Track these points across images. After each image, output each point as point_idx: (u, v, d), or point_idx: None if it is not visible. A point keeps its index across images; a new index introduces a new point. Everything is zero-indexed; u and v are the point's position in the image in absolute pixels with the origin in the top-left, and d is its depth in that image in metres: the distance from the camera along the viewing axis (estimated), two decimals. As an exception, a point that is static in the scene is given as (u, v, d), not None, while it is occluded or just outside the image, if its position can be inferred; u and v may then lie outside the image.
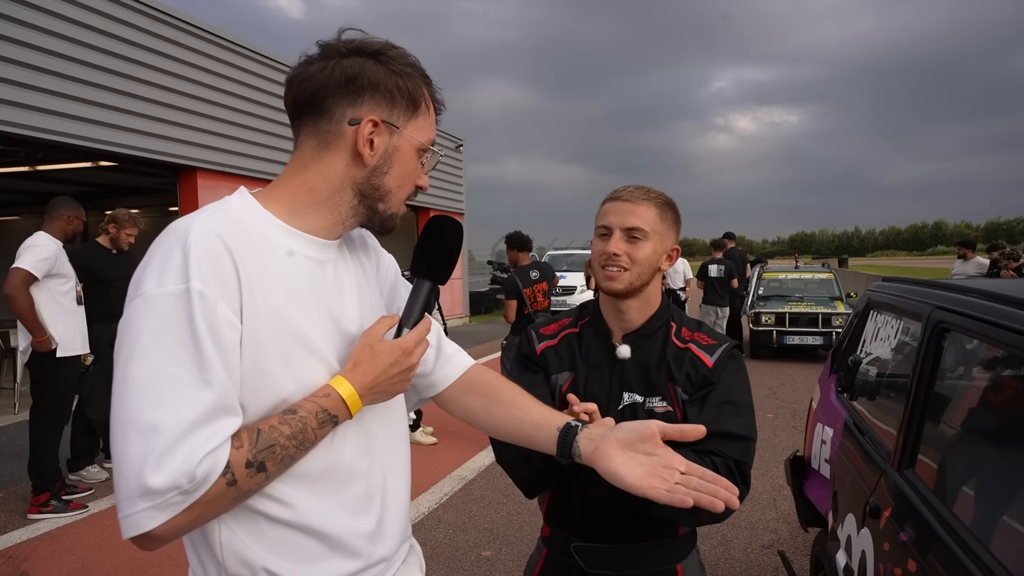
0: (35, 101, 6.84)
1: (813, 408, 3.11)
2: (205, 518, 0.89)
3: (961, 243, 10.58)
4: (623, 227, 1.41)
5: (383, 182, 1.03)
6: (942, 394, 1.94)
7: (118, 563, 3.51)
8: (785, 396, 7.58)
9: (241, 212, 0.99)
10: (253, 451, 0.90)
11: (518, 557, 3.56)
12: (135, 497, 0.82)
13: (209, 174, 9.27)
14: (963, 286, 1.91)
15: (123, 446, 0.84)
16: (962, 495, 1.67)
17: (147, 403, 0.84)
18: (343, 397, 0.98)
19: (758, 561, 3.50)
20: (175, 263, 0.88)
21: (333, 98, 0.99)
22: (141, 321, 0.87)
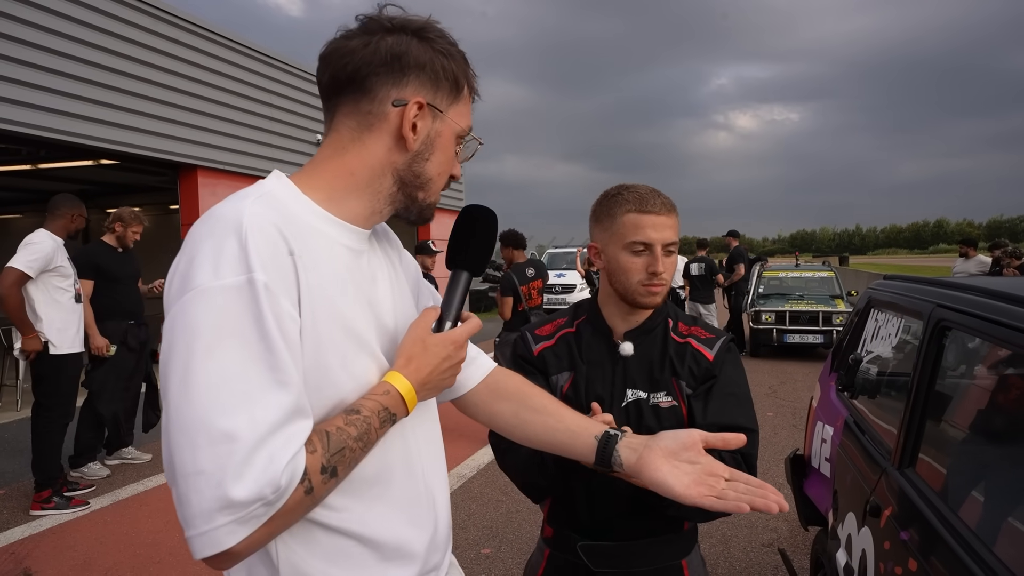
0: (37, 100, 6.83)
1: (813, 406, 3.10)
2: (278, 531, 0.82)
3: (963, 241, 10.53)
4: (664, 243, 1.41)
5: (424, 169, 0.98)
6: (943, 393, 1.94)
7: (119, 559, 3.52)
8: (785, 394, 7.58)
9: (283, 198, 0.91)
10: (327, 455, 0.83)
11: (517, 555, 3.56)
12: (214, 511, 0.74)
13: (209, 172, 9.27)
14: (964, 284, 1.91)
15: (191, 456, 0.75)
16: (964, 494, 1.66)
17: (216, 407, 0.76)
18: (402, 394, 0.93)
19: (758, 560, 3.50)
20: (231, 253, 0.81)
21: (377, 76, 0.92)
22: (199, 316, 0.78)
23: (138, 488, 4.65)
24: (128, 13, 7.86)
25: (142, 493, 4.56)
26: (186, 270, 0.82)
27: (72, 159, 9.43)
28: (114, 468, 5.02)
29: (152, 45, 8.19)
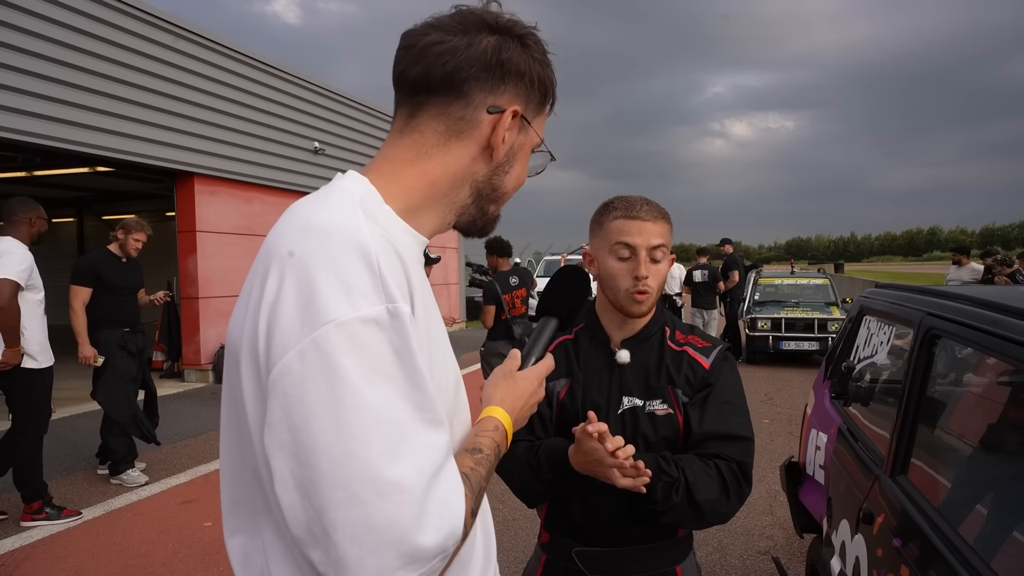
0: (32, 107, 6.84)
1: (808, 414, 3.11)
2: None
3: (956, 249, 10.61)
4: (648, 247, 1.41)
5: (503, 182, 0.92)
6: (934, 400, 1.95)
7: (112, 570, 3.50)
8: (781, 401, 7.59)
9: (374, 209, 0.80)
10: (475, 500, 0.78)
11: (514, 563, 3.55)
12: (395, 569, 0.66)
13: (206, 179, 9.27)
14: (954, 293, 1.92)
15: (361, 512, 0.66)
16: (955, 501, 1.67)
17: (379, 456, 0.67)
18: (507, 430, 0.93)
19: (754, 567, 3.50)
20: (363, 278, 0.70)
21: (477, 80, 0.84)
22: (342, 355, 0.67)
23: (131, 498, 4.62)
24: (123, 20, 7.88)
25: (135, 503, 4.53)
26: (308, 299, 0.69)
27: (68, 166, 9.42)
28: (105, 477, 4.98)
29: (147, 52, 8.20)
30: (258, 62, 10.07)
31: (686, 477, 1.32)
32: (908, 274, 50.84)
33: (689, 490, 1.32)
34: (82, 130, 7.41)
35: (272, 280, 0.72)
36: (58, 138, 7.15)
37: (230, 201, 9.61)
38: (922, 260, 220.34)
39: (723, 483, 1.35)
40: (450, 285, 16.15)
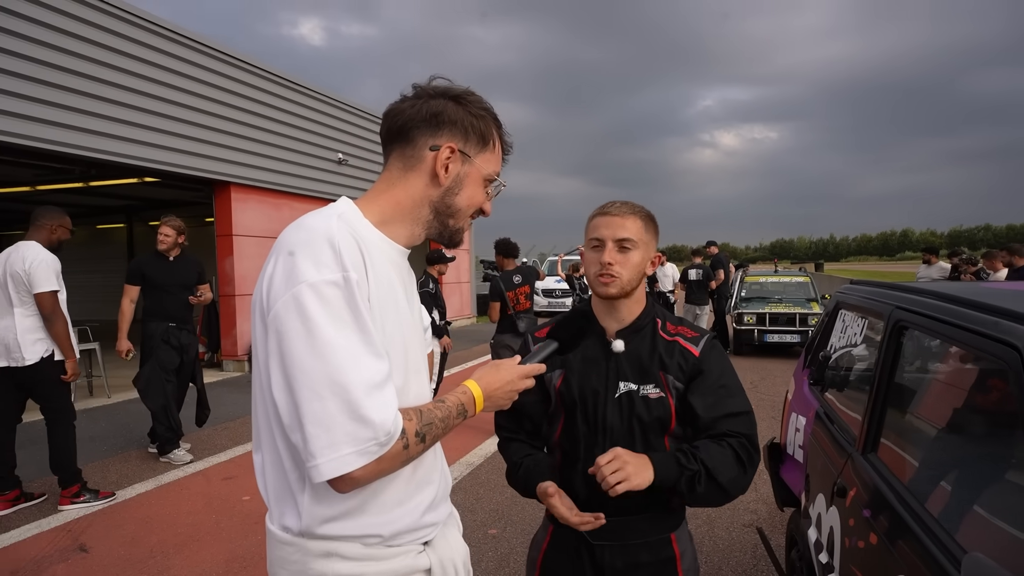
0: (88, 124, 6.94)
1: (788, 399, 3.12)
2: (384, 472, 0.97)
3: (926, 249, 10.55)
4: (614, 239, 1.46)
5: (454, 201, 1.12)
6: (902, 385, 1.96)
7: (163, 537, 3.56)
8: (766, 389, 7.58)
9: (352, 218, 1.05)
10: (420, 424, 1.00)
11: (521, 535, 3.58)
12: (340, 443, 0.90)
13: (241, 188, 9.34)
14: (920, 288, 1.93)
15: (320, 405, 0.90)
16: (919, 476, 1.69)
17: (335, 368, 0.91)
18: (475, 397, 1.11)
19: (739, 539, 3.52)
20: (328, 256, 0.95)
21: (418, 129, 1.09)
22: (311, 304, 0.92)
23: (178, 475, 4.69)
24: (170, 46, 7.97)
25: (182, 479, 4.60)
26: (290, 269, 0.95)
27: (119, 177, 9.52)
28: (153, 455, 5.05)
29: (189, 74, 8.28)
30: (288, 81, 10.13)
31: (705, 465, 1.35)
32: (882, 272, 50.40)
33: (711, 475, 1.35)
34: (132, 144, 7.49)
35: (273, 260, 0.99)
36: (110, 152, 7.24)
37: (262, 207, 9.68)
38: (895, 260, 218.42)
39: (738, 458, 1.38)
40: (462, 283, 16.17)
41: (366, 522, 1.04)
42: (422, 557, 1.11)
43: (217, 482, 4.51)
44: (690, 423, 1.45)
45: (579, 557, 1.48)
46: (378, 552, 1.05)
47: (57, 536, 3.60)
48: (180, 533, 3.62)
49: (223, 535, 3.60)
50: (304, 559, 1.03)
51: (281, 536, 1.05)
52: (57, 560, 3.30)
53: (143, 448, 5.29)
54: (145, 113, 7.63)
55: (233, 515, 3.88)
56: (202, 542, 3.50)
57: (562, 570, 1.50)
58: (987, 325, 1.38)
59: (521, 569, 3.18)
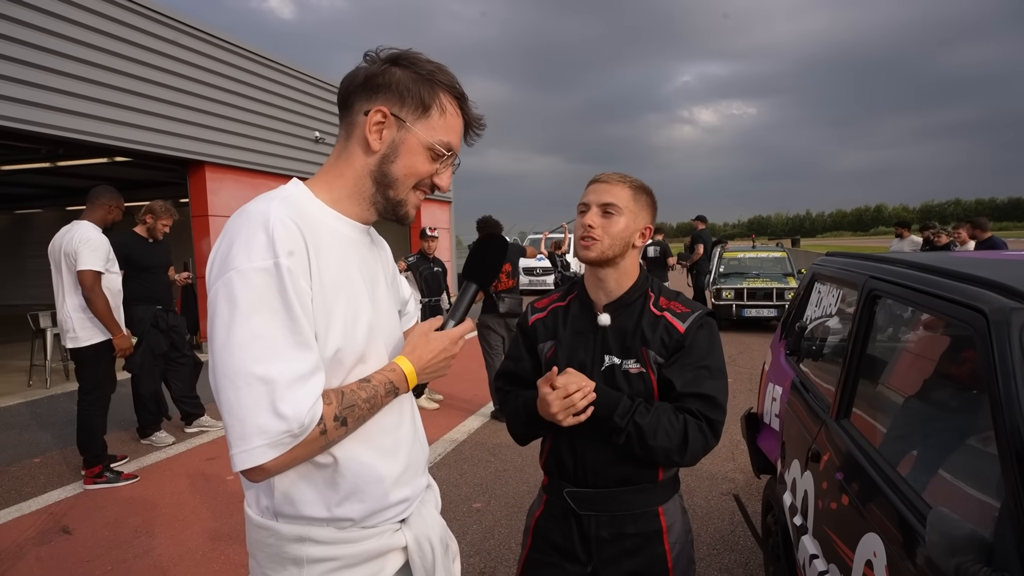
0: (55, 102, 6.70)
1: (765, 370, 3.18)
2: (299, 460, 0.96)
3: (898, 224, 10.76)
4: (599, 203, 1.46)
5: (390, 170, 1.06)
6: (874, 354, 2.01)
7: (147, 518, 3.54)
8: (743, 363, 7.72)
9: (299, 199, 1.03)
10: (339, 407, 0.97)
11: (505, 508, 3.63)
12: (252, 435, 0.88)
13: (216, 168, 9.14)
14: (893, 258, 1.97)
15: (235, 395, 0.89)
16: (889, 439, 1.74)
17: (253, 359, 0.89)
18: (405, 373, 1.07)
19: (717, 507, 3.60)
20: (260, 242, 0.92)
21: (355, 95, 1.05)
22: (238, 291, 0.90)
23: (161, 456, 4.65)
24: (139, 21, 7.70)
25: (164, 460, 4.57)
26: (225, 255, 0.94)
27: (88, 157, 9.25)
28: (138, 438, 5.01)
29: (160, 50, 8.02)
30: (262, 58, 9.87)
31: (639, 426, 1.35)
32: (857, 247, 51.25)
33: (641, 435, 1.35)
34: (101, 123, 7.26)
35: (215, 246, 0.98)
36: (79, 130, 7.01)
37: (238, 187, 9.49)
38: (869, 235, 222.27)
39: (685, 436, 1.37)
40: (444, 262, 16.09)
41: (335, 505, 1.03)
42: (398, 535, 1.11)
43: (200, 462, 4.48)
44: (667, 397, 1.45)
45: (568, 525, 1.50)
46: (352, 534, 1.05)
47: (39, 519, 3.57)
48: (164, 513, 3.61)
49: (207, 514, 3.59)
50: (278, 543, 1.03)
51: (256, 520, 1.05)
52: (40, 542, 3.27)
53: (126, 430, 5.24)
54: (115, 90, 7.39)
55: (217, 494, 3.87)
56: (186, 521, 3.49)
57: (553, 536, 1.53)
58: (956, 291, 1.41)
59: (505, 540, 3.23)
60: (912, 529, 1.27)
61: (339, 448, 1.02)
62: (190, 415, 5.22)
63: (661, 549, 1.46)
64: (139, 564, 3.04)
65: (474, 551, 3.13)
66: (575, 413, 1.35)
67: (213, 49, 8.89)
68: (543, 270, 15.77)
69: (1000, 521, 1.08)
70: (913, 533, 1.26)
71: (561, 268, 9.39)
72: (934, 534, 1.02)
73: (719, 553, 3.06)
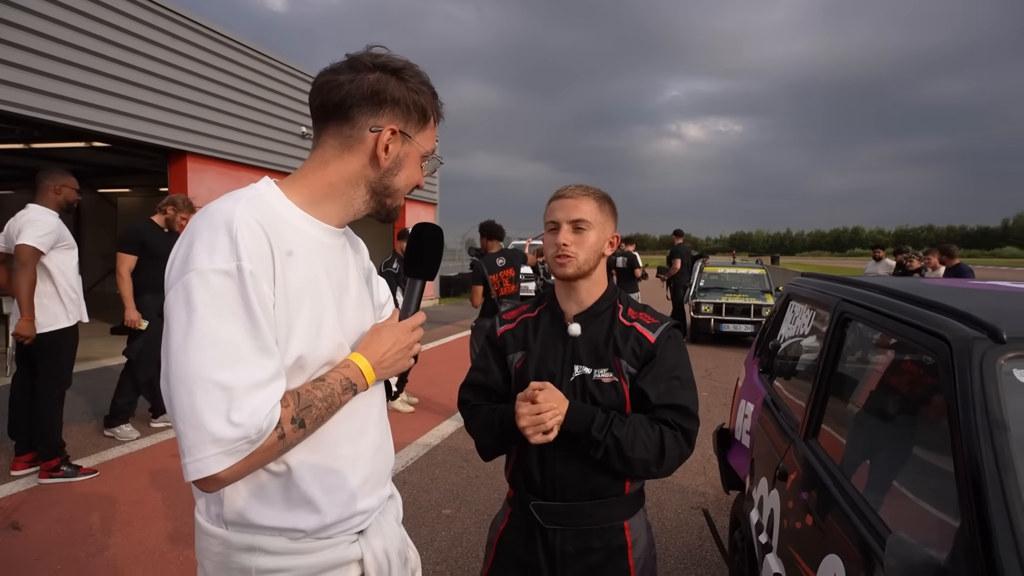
0: (32, 82, 6.53)
1: (739, 386, 3.21)
2: (256, 466, 0.93)
3: (876, 246, 11.10)
4: (568, 220, 1.47)
5: (393, 182, 1.08)
6: (844, 374, 2.03)
7: (104, 515, 3.45)
8: (719, 377, 7.79)
9: (269, 200, 1.01)
10: (297, 409, 0.95)
11: (475, 515, 3.61)
12: (206, 443, 0.85)
13: (198, 158, 9.00)
14: (864, 282, 2.00)
15: (189, 400, 0.86)
16: (855, 461, 1.76)
17: (210, 364, 0.86)
18: (361, 369, 1.05)
19: (687, 520, 3.62)
20: (223, 244, 0.90)
21: (358, 107, 1.03)
22: (197, 293, 0.88)
23: (123, 451, 4.54)
24: (123, 4, 7.55)
25: (127, 455, 4.46)
26: (185, 255, 0.91)
27: (65, 140, 9.03)
28: (99, 429, 4.88)
29: (144, 35, 7.88)
30: (250, 49, 9.76)
31: (616, 439, 1.36)
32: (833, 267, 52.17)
33: (620, 448, 1.36)
34: (79, 106, 7.10)
35: (178, 243, 0.95)
36: (56, 113, 6.84)
37: (221, 179, 9.35)
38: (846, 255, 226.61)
39: (662, 446, 1.38)
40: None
41: (288, 515, 1.01)
42: (354, 547, 1.08)
43: (164, 459, 4.38)
44: (640, 407, 1.46)
45: (532, 539, 1.49)
46: (304, 545, 1.02)
47: (-11, 513, 3.45)
48: (122, 511, 3.51)
49: (166, 512, 3.51)
50: (227, 551, 1.00)
51: (205, 527, 1.02)
52: (-11, 537, 3.16)
53: (85, 422, 5.10)
54: (95, 73, 7.24)
55: (179, 492, 3.78)
56: (145, 520, 3.41)
57: (517, 551, 1.51)
58: (922, 319, 1.43)
59: (473, 548, 3.20)
60: (872, 552, 1.28)
61: (293, 455, 1.00)
62: (159, 409, 5.11)
63: (625, 564, 1.46)
64: (92, 563, 2.95)
65: (441, 559, 3.10)
66: (544, 431, 1.34)
67: (200, 38, 8.77)
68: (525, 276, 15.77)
69: (955, 546, 1.09)
70: (873, 556, 1.27)
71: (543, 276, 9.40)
72: (892, 559, 1.03)
73: (686, 567, 3.06)
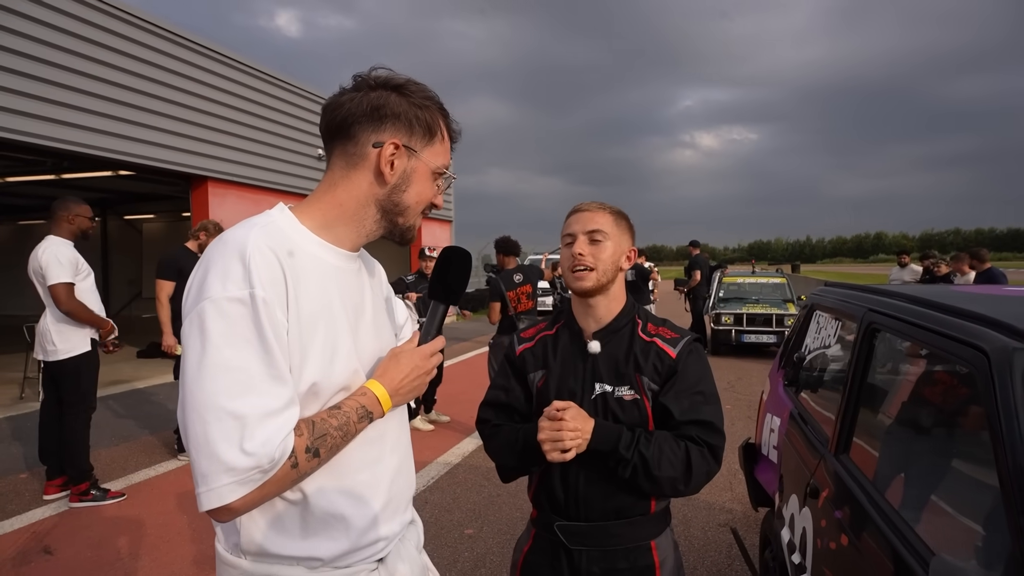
0: (62, 116, 6.76)
1: (764, 400, 3.14)
2: (270, 496, 0.92)
3: (901, 251, 10.94)
4: (585, 231, 1.46)
5: (402, 199, 1.06)
6: (874, 387, 1.98)
7: (132, 539, 3.47)
8: (742, 389, 7.65)
9: (283, 227, 1.00)
10: (311, 439, 0.94)
11: (498, 535, 3.56)
12: (220, 472, 0.84)
13: (218, 183, 9.19)
14: (893, 291, 1.95)
15: (203, 429, 0.85)
16: (890, 478, 1.70)
17: (223, 392, 0.86)
18: (377, 397, 1.03)
19: (715, 538, 3.53)
20: (236, 272, 0.90)
21: (359, 124, 1.02)
22: (211, 321, 0.88)
23: (149, 473, 4.58)
24: (146, 37, 7.80)
25: (153, 478, 4.50)
26: (200, 283, 0.91)
27: (92, 170, 9.30)
28: (127, 453, 4.94)
29: (166, 66, 8.11)
30: (268, 75, 9.98)
31: (644, 457, 1.33)
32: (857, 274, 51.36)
33: (647, 467, 1.33)
34: (106, 137, 7.31)
35: (194, 271, 0.96)
36: (84, 144, 7.05)
37: (241, 203, 9.52)
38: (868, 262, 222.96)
39: (688, 463, 1.35)
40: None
41: (305, 544, 0.99)
42: None
43: (188, 482, 4.40)
44: (664, 424, 1.43)
45: (558, 560, 1.46)
46: (324, 575, 1.01)
47: (20, 538, 3.49)
48: (150, 534, 3.53)
49: (191, 536, 3.52)
50: None
51: (224, 556, 1.01)
52: (20, 563, 3.19)
53: (113, 446, 5.16)
54: (120, 105, 7.46)
55: (203, 516, 3.73)
56: (171, 543, 3.42)
57: (542, 572, 1.48)
58: (957, 329, 1.38)
59: (497, 569, 3.15)
60: (913, 575, 1.23)
61: (309, 483, 0.98)
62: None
63: None
64: (120, 587, 2.96)
65: (464, 580, 3.06)
66: (562, 450, 1.32)
67: (217, 66, 9.00)
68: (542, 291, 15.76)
69: (1008, 568, 1.04)
70: (914, 579, 1.22)
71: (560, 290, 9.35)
72: (937, 584, 0.98)
73: (715, 587, 2.98)
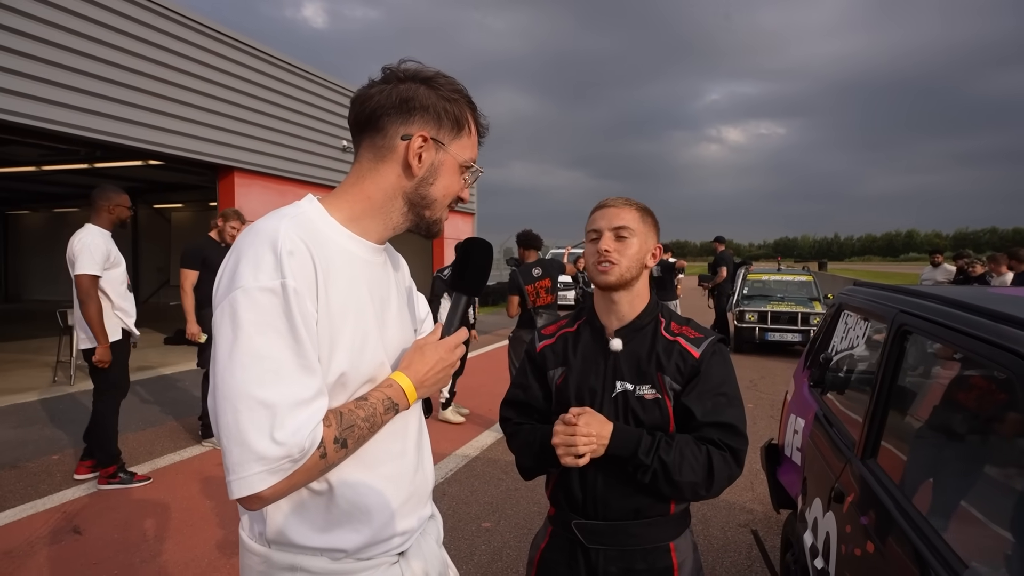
0: (96, 106, 6.92)
1: (787, 400, 3.09)
2: (299, 485, 0.93)
3: (933, 250, 10.64)
4: (611, 227, 1.45)
5: (429, 192, 1.06)
6: (904, 390, 1.92)
7: (157, 521, 3.56)
8: (765, 388, 7.54)
9: (312, 218, 1.01)
10: (339, 429, 0.94)
11: (515, 529, 3.57)
12: (250, 462, 0.85)
13: (245, 173, 9.32)
14: (924, 292, 1.89)
15: (234, 418, 0.86)
16: (919, 484, 1.65)
17: (254, 381, 0.86)
18: (403, 388, 1.04)
19: (734, 539, 3.49)
20: (268, 261, 0.90)
21: (388, 117, 1.03)
22: (243, 311, 0.88)
23: (175, 458, 4.69)
24: (176, 29, 7.93)
25: (178, 462, 4.60)
26: (232, 273, 0.92)
27: (124, 159, 9.51)
28: (153, 437, 5.06)
29: (195, 57, 8.24)
30: (294, 67, 10.08)
31: (664, 462, 1.32)
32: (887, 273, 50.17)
33: (667, 472, 1.32)
34: (137, 127, 7.47)
35: (225, 260, 0.96)
36: (116, 134, 7.21)
37: (266, 193, 9.66)
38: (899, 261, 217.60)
39: (710, 467, 1.34)
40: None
41: (329, 535, 1.00)
42: (394, 569, 1.07)
43: (212, 467, 4.50)
44: (685, 425, 1.41)
45: (575, 559, 1.45)
46: (345, 566, 1.01)
47: (52, 517, 3.60)
48: (174, 517, 3.62)
49: (215, 520, 3.59)
50: (268, 570, 1.00)
51: (248, 544, 1.03)
52: (51, 541, 3.29)
53: (140, 430, 5.29)
54: (151, 96, 7.60)
55: (227, 500, 3.86)
56: (195, 527, 3.50)
57: (559, 570, 1.48)
58: (993, 332, 1.33)
59: (513, 563, 3.16)
60: (942, 586, 1.19)
61: (334, 474, 0.99)
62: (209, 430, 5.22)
63: None
64: (145, 569, 3.04)
65: (481, 573, 3.07)
66: (576, 455, 1.31)
67: (245, 57, 9.11)
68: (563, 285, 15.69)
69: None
70: (943, 590, 1.18)
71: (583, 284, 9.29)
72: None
73: (734, 589, 2.95)
